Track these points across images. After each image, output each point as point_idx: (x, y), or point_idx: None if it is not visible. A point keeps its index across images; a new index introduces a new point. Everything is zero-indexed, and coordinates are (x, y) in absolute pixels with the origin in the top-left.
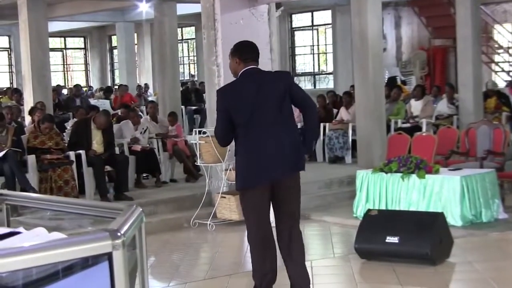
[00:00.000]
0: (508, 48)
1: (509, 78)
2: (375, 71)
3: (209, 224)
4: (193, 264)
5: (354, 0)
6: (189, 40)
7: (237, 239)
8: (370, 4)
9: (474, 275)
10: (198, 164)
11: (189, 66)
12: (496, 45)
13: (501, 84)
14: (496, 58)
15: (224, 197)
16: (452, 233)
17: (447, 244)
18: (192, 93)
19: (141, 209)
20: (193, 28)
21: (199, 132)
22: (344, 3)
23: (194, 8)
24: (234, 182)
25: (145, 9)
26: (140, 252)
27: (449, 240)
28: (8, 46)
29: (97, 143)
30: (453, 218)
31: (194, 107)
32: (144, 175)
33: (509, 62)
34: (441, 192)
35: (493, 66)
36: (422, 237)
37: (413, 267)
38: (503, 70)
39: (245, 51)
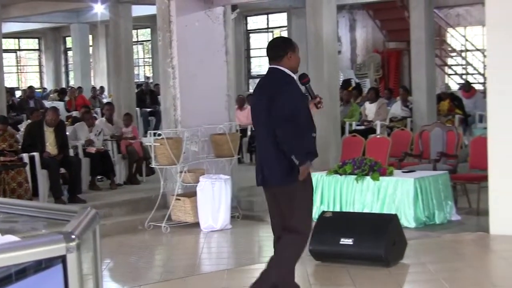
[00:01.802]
0: (461, 51)
1: (462, 81)
2: (330, 73)
3: (164, 226)
4: (147, 267)
5: (309, 3)
6: (144, 42)
7: (192, 241)
8: (325, 7)
9: (427, 276)
10: (153, 166)
11: (144, 68)
12: (450, 48)
13: (454, 87)
14: (450, 61)
15: (179, 199)
16: (406, 234)
17: (400, 246)
18: (147, 95)
19: (95, 211)
20: (148, 30)
21: (154, 134)
22: (300, 5)
23: (149, 9)
24: (189, 184)
25: (100, 11)
26: (94, 255)
27: (402, 242)
28: None
29: (50, 145)
30: (407, 220)
31: (149, 109)
32: (99, 177)
33: (462, 65)
34: (395, 194)
35: (447, 69)
36: (376, 238)
37: (367, 268)
38: (456, 73)
39: (266, 50)
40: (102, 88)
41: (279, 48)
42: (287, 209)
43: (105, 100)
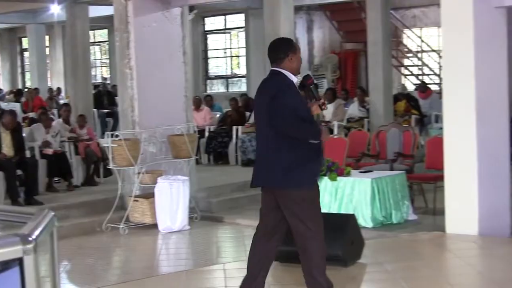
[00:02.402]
0: (417, 52)
1: (418, 82)
2: None
3: (122, 227)
4: (105, 268)
5: (266, 4)
6: (101, 43)
7: (150, 242)
8: (282, 7)
9: (385, 275)
10: (111, 167)
11: (101, 69)
12: (406, 49)
13: (411, 88)
14: (406, 62)
15: (137, 201)
16: (363, 234)
17: (358, 246)
18: (104, 96)
19: (53, 213)
20: (105, 30)
21: (112, 135)
22: (257, 6)
23: (107, 10)
24: (147, 185)
25: (56, 11)
26: (52, 257)
27: (360, 242)
28: None
29: (6, 146)
30: (364, 220)
31: (106, 110)
32: (56, 179)
33: (418, 66)
34: (352, 194)
35: (403, 70)
36: (333, 238)
37: (326, 268)
38: (412, 74)
39: (267, 51)
40: (59, 89)
41: (279, 51)
42: (288, 212)
43: (62, 101)
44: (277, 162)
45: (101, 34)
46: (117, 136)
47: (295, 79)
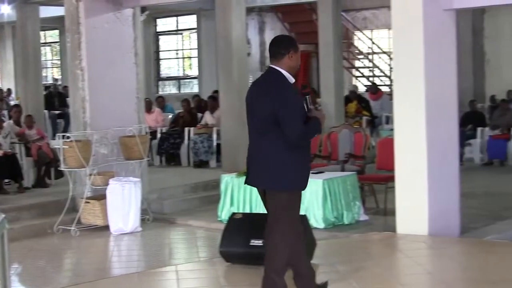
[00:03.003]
0: (368, 54)
1: (369, 83)
2: (240, 75)
3: (73, 229)
4: (57, 271)
5: (218, 5)
6: (52, 44)
7: (102, 244)
8: (234, 9)
9: (336, 276)
10: (62, 169)
11: (52, 70)
12: (357, 51)
13: (362, 89)
14: (357, 63)
15: (88, 202)
16: (315, 235)
17: (310, 246)
18: (55, 97)
19: (3, 216)
20: (56, 31)
21: (63, 137)
22: (209, 8)
23: (58, 11)
24: (99, 187)
25: (6, 11)
26: (2, 259)
27: (312, 242)
28: None
29: None
30: (316, 221)
31: (57, 112)
32: (6, 181)
33: (369, 67)
34: (304, 195)
35: (354, 71)
36: None
37: None
38: (363, 75)
39: (269, 47)
40: (9, 90)
41: (281, 46)
42: (273, 209)
43: (12, 103)
44: (274, 163)
45: (52, 35)
46: (68, 137)
47: (293, 80)
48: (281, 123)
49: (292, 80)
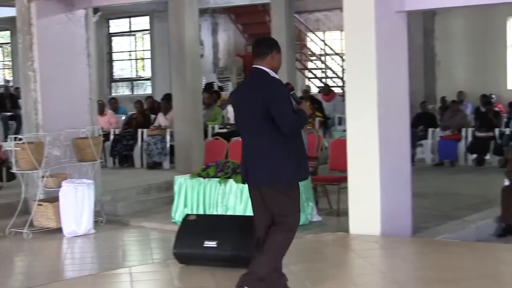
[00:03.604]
0: (321, 55)
1: (321, 85)
2: (193, 77)
3: (26, 232)
4: (8, 274)
5: (171, 7)
6: (3, 45)
7: (55, 247)
8: (187, 10)
9: (290, 277)
10: (14, 171)
11: (4, 71)
12: (309, 52)
13: (314, 90)
14: (309, 65)
15: (41, 205)
16: None
17: None
18: (7, 99)
19: None
20: (8, 32)
21: (15, 139)
22: (162, 9)
23: (9, 11)
24: (52, 189)
25: None
26: None
27: None
28: None
29: None
30: None
31: (9, 113)
32: None
33: (321, 69)
34: None
35: (307, 72)
36: (239, 240)
37: (231, 270)
38: (316, 77)
39: (252, 48)
40: None
41: (264, 46)
42: (275, 205)
43: None
44: (272, 160)
45: (3, 36)
46: (20, 139)
47: (278, 77)
48: (275, 118)
49: (277, 77)
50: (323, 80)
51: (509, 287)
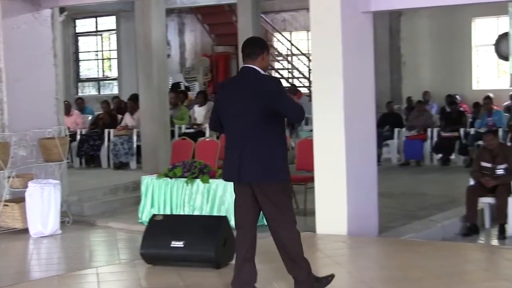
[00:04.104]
0: (287, 55)
1: (288, 85)
2: (159, 77)
3: None
4: None
5: (138, 6)
6: None
7: (21, 247)
8: (154, 10)
9: (257, 276)
10: None
11: None
12: (276, 53)
13: None
14: (276, 65)
15: (7, 205)
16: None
17: (230, 247)
18: None
19: None
20: None
21: None
22: (129, 9)
23: None
24: (18, 190)
25: None
26: None
27: (232, 243)
28: None
29: None
30: None
31: None
32: None
33: (288, 69)
34: (225, 196)
35: (273, 72)
36: (206, 240)
37: (198, 270)
38: (282, 77)
39: (242, 47)
40: None
41: (256, 46)
42: (274, 203)
43: None
44: (269, 157)
45: None
46: None
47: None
48: (284, 110)
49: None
50: (290, 80)
51: (474, 286)
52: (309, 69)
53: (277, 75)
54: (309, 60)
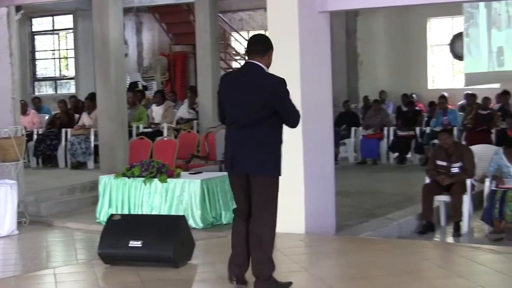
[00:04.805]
0: (245, 55)
1: None
2: (117, 76)
3: None
4: None
5: (95, 5)
6: None
7: None
8: (111, 9)
9: (216, 275)
10: None
11: None
12: (234, 52)
13: None
14: (234, 64)
15: None
16: (194, 235)
17: (189, 247)
18: None
19: None
20: None
21: None
22: (86, 8)
23: None
24: None
25: None
26: None
27: (191, 243)
28: None
29: None
30: (194, 221)
31: None
32: None
33: None
34: (183, 196)
35: None
36: (164, 240)
37: (157, 270)
38: None
39: (247, 45)
40: None
41: (264, 44)
42: (262, 196)
43: None
44: (266, 151)
45: None
46: None
47: None
48: (282, 112)
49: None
50: None
51: (429, 283)
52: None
53: None
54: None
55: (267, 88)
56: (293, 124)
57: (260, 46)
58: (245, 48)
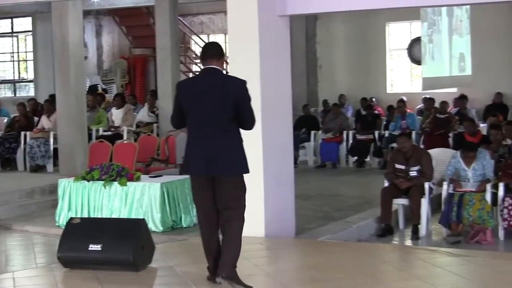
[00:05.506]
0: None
1: None
2: (77, 79)
3: None
4: None
5: (55, 8)
6: None
7: None
8: (71, 12)
9: (175, 279)
10: None
11: None
12: (194, 55)
13: None
14: (194, 67)
15: None
16: (154, 239)
17: (149, 250)
18: None
19: None
20: None
21: None
22: (45, 10)
23: None
24: None
25: None
26: None
27: (151, 246)
28: None
29: None
30: (154, 224)
31: None
32: None
33: None
34: (142, 199)
35: (191, 75)
36: (124, 243)
37: (117, 274)
38: None
39: (202, 51)
40: None
41: (219, 50)
42: (233, 193)
43: None
44: (235, 151)
45: None
46: None
47: None
48: (244, 114)
49: None
50: None
51: (388, 285)
52: (226, 72)
53: None
54: (227, 63)
55: (234, 88)
56: (251, 126)
57: (216, 51)
58: (200, 55)
